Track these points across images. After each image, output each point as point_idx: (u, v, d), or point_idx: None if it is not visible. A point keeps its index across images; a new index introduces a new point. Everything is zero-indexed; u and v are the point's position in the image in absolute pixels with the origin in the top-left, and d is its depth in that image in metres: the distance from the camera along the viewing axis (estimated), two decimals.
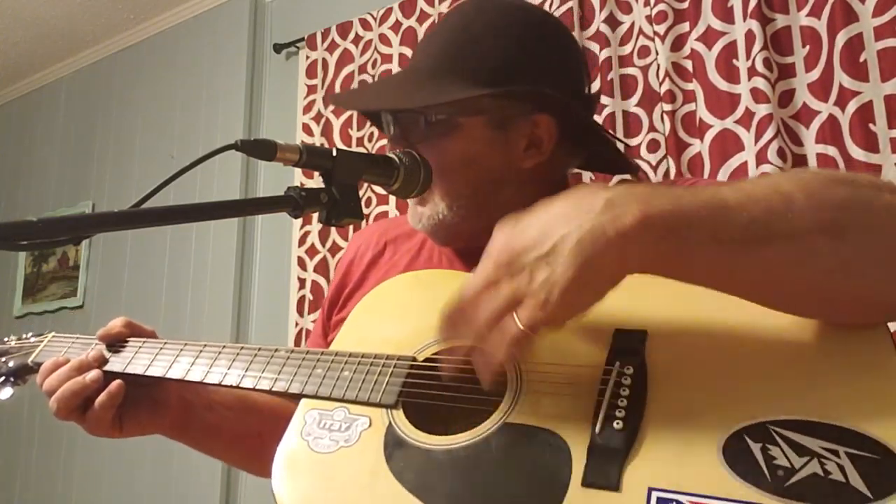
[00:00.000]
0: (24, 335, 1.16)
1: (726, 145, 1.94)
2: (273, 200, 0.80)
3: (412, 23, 2.63)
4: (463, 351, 0.70)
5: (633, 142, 2.09)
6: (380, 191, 2.57)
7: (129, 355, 1.00)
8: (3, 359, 1.12)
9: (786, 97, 1.90)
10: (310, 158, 0.81)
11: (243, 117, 3.11)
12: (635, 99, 2.12)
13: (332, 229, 2.65)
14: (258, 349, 0.93)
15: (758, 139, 1.86)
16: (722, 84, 1.98)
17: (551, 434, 0.70)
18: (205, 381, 0.94)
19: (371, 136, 2.62)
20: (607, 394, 0.71)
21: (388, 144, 0.98)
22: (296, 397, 0.87)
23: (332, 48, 2.86)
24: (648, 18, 2.13)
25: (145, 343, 1.01)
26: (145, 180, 3.28)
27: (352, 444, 0.78)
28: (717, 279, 0.66)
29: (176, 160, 3.21)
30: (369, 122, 1.07)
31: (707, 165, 1.96)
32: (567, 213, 0.64)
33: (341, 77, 2.80)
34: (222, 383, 0.92)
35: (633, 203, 0.62)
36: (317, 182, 0.93)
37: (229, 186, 3.03)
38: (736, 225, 0.63)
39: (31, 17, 3.46)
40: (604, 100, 2.12)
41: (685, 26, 2.07)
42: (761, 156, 1.84)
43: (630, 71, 2.15)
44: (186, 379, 0.95)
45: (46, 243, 0.71)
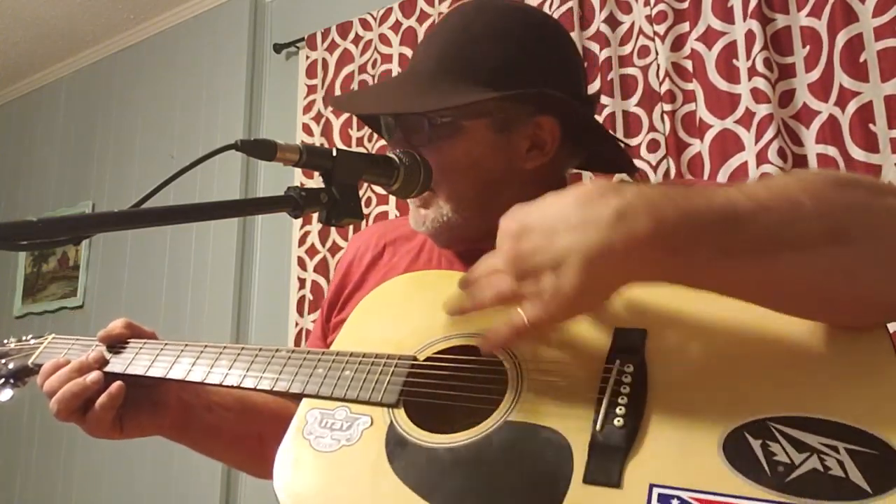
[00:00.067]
0: (23, 337, 1.16)
1: (726, 145, 1.94)
2: (273, 200, 0.80)
3: (412, 23, 2.64)
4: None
5: (633, 142, 2.09)
6: (380, 191, 2.57)
7: (129, 356, 1.00)
8: (2, 360, 1.12)
9: (786, 97, 1.90)
10: (310, 158, 0.81)
11: (243, 117, 3.11)
12: (635, 99, 2.12)
13: (332, 229, 2.65)
14: (259, 350, 0.93)
15: (758, 139, 1.86)
16: (722, 84, 1.98)
17: (552, 432, 0.71)
18: (206, 381, 0.94)
19: (371, 137, 2.62)
20: (608, 392, 0.71)
21: (390, 145, 0.98)
22: (297, 397, 0.87)
23: (332, 48, 2.86)
24: (648, 18, 2.13)
25: (146, 344, 1.01)
26: (145, 180, 3.28)
27: (353, 442, 0.78)
28: (724, 288, 0.67)
29: (176, 160, 3.21)
30: (364, 122, 1.06)
31: (707, 165, 1.96)
32: (575, 216, 0.64)
33: (341, 77, 2.80)
34: (223, 384, 0.92)
35: (642, 215, 0.62)
36: (317, 182, 0.93)
37: (229, 186, 3.03)
38: (746, 237, 0.63)
39: (31, 17, 3.46)
40: (604, 100, 2.12)
41: (685, 26, 2.07)
42: (762, 156, 1.84)
43: (630, 71, 2.15)
44: (187, 380, 0.95)
45: (46, 243, 0.71)
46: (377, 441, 0.77)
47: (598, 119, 1.04)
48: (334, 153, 0.82)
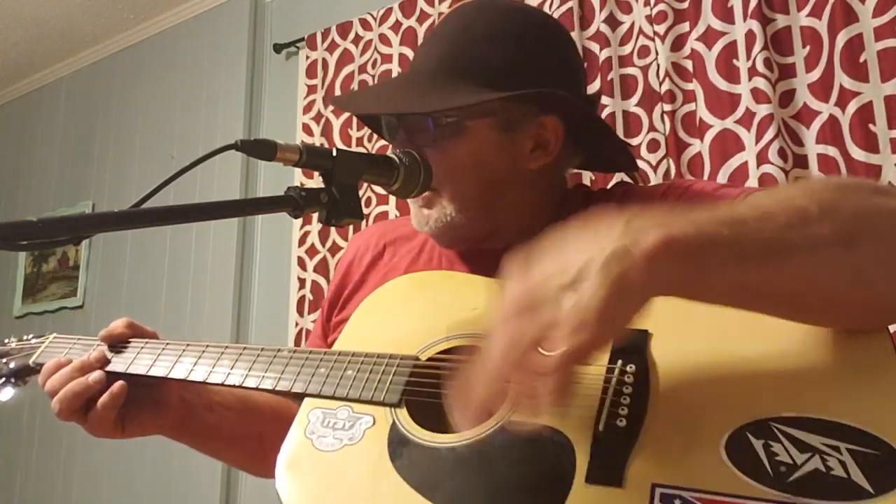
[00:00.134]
0: (24, 336, 1.16)
1: (726, 145, 1.94)
2: (273, 200, 0.80)
3: (412, 23, 2.64)
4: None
5: (634, 142, 2.09)
6: (380, 191, 2.57)
7: (131, 356, 1.00)
8: (3, 360, 1.12)
9: (786, 97, 1.90)
10: (310, 158, 0.81)
11: (243, 117, 3.11)
12: (635, 99, 2.13)
13: (332, 229, 2.65)
14: (261, 349, 0.93)
15: (758, 139, 1.86)
16: (722, 84, 1.98)
17: (555, 431, 0.71)
18: (207, 381, 0.94)
19: (371, 137, 2.62)
20: (610, 392, 0.71)
21: (393, 145, 0.97)
22: (299, 397, 0.87)
23: (332, 48, 2.86)
24: (648, 18, 2.13)
25: (147, 344, 1.01)
26: (145, 180, 3.28)
27: (356, 442, 0.78)
28: (739, 297, 0.66)
29: (176, 160, 3.21)
30: (362, 122, 1.06)
31: (707, 165, 1.96)
32: (585, 240, 0.62)
33: (341, 77, 2.80)
34: (225, 383, 0.93)
35: (652, 226, 0.61)
36: (317, 182, 0.93)
37: (229, 186, 3.03)
38: (756, 242, 0.63)
39: (31, 17, 3.46)
40: (604, 100, 2.12)
41: (685, 26, 2.07)
42: (762, 156, 1.84)
43: (630, 71, 2.15)
44: (189, 379, 0.95)
45: (46, 243, 0.71)
46: (379, 440, 0.77)
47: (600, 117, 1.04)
48: (334, 153, 0.82)
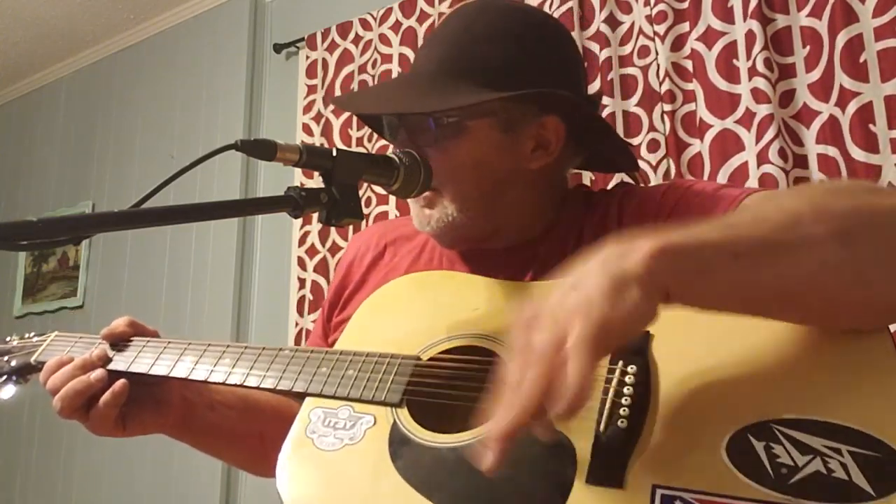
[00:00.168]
0: (26, 334, 1.16)
1: (726, 145, 1.94)
2: (273, 200, 0.80)
3: (412, 23, 2.63)
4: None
5: (633, 142, 2.09)
6: (380, 191, 2.57)
7: (132, 354, 1.00)
8: (5, 358, 1.12)
9: (786, 97, 1.90)
10: (310, 158, 0.81)
11: (243, 117, 3.11)
12: (635, 99, 2.13)
13: (331, 229, 2.65)
14: (262, 348, 0.93)
15: (759, 139, 1.86)
16: (722, 84, 1.98)
17: (555, 432, 0.70)
18: (209, 379, 0.94)
19: (371, 137, 2.62)
20: (611, 393, 0.71)
21: (394, 145, 0.97)
22: (300, 396, 0.87)
23: (332, 48, 2.86)
24: (648, 18, 2.13)
25: (149, 342, 1.02)
26: (145, 180, 3.28)
27: (356, 442, 0.78)
28: (739, 299, 0.66)
29: (176, 160, 3.21)
30: (364, 123, 1.06)
31: (707, 165, 1.96)
32: (582, 268, 0.63)
33: (341, 77, 2.80)
34: (226, 382, 0.93)
35: (643, 239, 0.63)
36: (317, 182, 0.93)
37: (229, 186, 3.03)
38: (750, 241, 0.64)
39: (31, 17, 3.46)
40: (604, 100, 2.12)
41: (685, 26, 2.07)
42: (762, 156, 1.84)
43: (630, 71, 2.15)
44: (191, 378, 0.95)
45: (46, 243, 0.71)
46: (380, 440, 0.77)
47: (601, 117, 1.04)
48: (334, 153, 0.82)
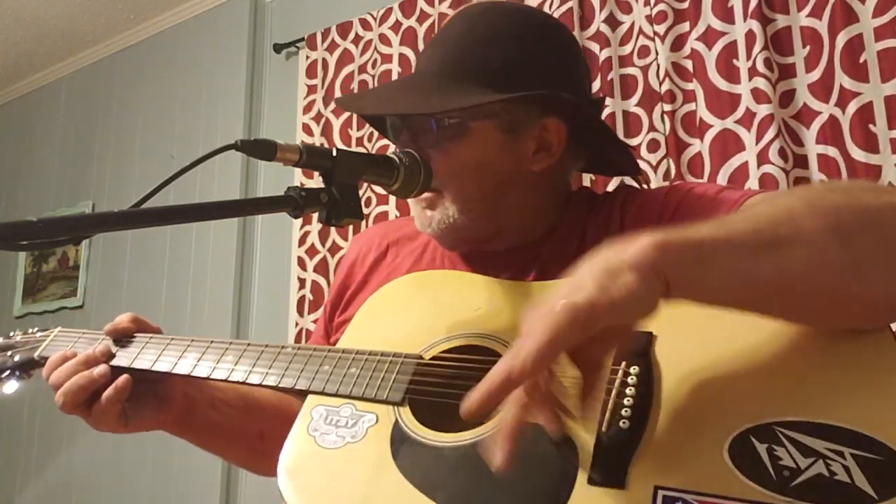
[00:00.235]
0: (30, 330, 1.16)
1: (726, 145, 1.94)
2: (273, 200, 0.80)
3: (412, 23, 2.63)
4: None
5: (633, 142, 2.09)
6: (380, 191, 2.57)
7: (135, 350, 1.00)
8: (8, 353, 1.12)
9: (786, 97, 1.90)
10: (310, 158, 0.81)
11: (243, 117, 3.11)
12: (635, 99, 2.13)
13: (331, 229, 2.65)
14: (265, 346, 0.93)
15: (759, 139, 1.86)
16: (722, 84, 1.98)
17: (561, 429, 0.70)
18: (211, 377, 0.94)
19: (371, 136, 2.62)
20: (613, 393, 0.71)
21: (396, 146, 0.97)
22: (302, 394, 0.87)
23: (332, 48, 2.86)
24: (648, 18, 2.13)
25: (152, 339, 1.02)
26: (145, 180, 3.28)
27: (358, 440, 0.78)
28: (739, 289, 0.66)
29: (176, 160, 3.21)
30: (368, 123, 1.07)
31: (707, 166, 1.96)
32: (579, 270, 0.63)
33: (341, 77, 2.80)
34: (229, 379, 0.93)
35: (638, 238, 0.63)
36: (317, 182, 0.93)
37: (229, 186, 3.03)
38: (745, 233, 0.65)
39: (31, 17, 3.46)
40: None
41: (685, 26, 2.07)
42: (762, 156, 1.84)
43: (630, 71, 2.15)
44: (193, 375, 0.95)
45: (46, 243, 0.71)
46: (382, 438, 0.78)
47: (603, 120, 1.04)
48: (334, 153, 0.82)
